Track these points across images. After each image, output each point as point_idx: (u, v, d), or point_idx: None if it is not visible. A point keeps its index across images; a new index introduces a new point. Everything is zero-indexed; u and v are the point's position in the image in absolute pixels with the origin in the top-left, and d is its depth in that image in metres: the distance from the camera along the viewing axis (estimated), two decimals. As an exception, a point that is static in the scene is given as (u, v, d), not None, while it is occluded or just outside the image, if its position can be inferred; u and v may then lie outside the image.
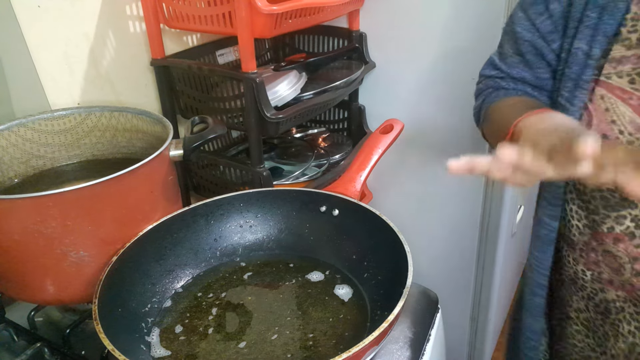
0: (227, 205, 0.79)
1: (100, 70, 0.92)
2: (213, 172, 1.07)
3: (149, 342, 0.64)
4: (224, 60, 1.14)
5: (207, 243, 0.78)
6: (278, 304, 0.70)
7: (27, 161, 0.79)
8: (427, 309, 0.74)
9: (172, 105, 1.03)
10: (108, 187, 0.63)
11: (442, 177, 1.23)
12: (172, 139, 0.73)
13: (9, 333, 0.71)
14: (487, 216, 1.21)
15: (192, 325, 0.67)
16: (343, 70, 1.11)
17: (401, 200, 1.32)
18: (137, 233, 0.69)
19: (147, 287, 0.69)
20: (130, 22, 0.96)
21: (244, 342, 0.64)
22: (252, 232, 0.80)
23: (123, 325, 0.62)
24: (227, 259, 0.79)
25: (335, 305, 0.69)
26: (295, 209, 0.80)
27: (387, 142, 0.83)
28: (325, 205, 0.79)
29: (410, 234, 0.67)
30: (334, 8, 0.99)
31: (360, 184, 0.80)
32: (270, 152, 1.23)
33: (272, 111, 0.90)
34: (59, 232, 0.61)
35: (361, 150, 0.84)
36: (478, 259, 1.27)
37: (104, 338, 0.53)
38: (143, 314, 0.67)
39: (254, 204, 0.80)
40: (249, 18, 0.82)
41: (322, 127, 1.32)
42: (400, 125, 0.84)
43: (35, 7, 0.80)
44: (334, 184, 0.82)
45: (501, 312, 1.55)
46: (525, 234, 1.72)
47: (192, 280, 0.75)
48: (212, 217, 0.78)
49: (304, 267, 0.76)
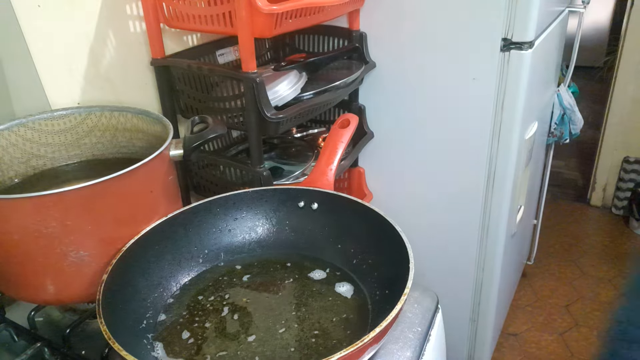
0: (203, 212, 0.78)
1: (100, 70, 0.92)
2: (213, 172, 1.07)
3: (153, 348, 0.64)
4: (224, 60, 1.14)
5: (189, 252, 0.76)
6: (277, 301, 0.70)
7: (27, 161, 0.79)
8: (427, 309, 0.74)
9: (172, 105, 1.03)
10: (108, 187, 0.63)
11: (442, 177, 1.23)
12: (172, 138, 0.73)
13: (9, 333, 0.71)
14: (487, 216, 1.21)
15: (197, 328, 0.66)
16: (343, 70, 1.11)
17: (401, 200, 1.32)
18: (137, 233, 0.69)
19: (140, 302, 0.68)
20: (130, 22, 0.96)
21: (253, 335, 0.64)
22: (232, 235, 0.80)
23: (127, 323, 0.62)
24: (210, 264, 0.78)
25: (336, 302, 0.69)
26: (273, 208, 0.81)
27: (348, 135, 0.87)
28: (304, 201, 0.79)
29: (410, 234, 0.67)
30: (334, 8, 0.99)
31: (332, 176, 0.83)
32: (270, 152, 1.23)
33: (272, 111, 0.90)
34: (59, 232, 0.61)
35: (326, 145, 0.87)
36: (478, 259, 1.27)
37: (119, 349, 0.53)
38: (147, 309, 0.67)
39: (231, 207, 0.80)
40: (249, 18, 0.82)
41: (322, 127, 1.32)
42: (355, 119, 0.89)
43: (35, 7, 0.80)
44: (306, 181, 0.84)
45: (501, 312, 1.55)
46: (525, 234, 1.72)
47: (186, 288, 0.74)
48: (190, 225, 0.77)
49: (298, 266, 0.76)
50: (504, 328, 1.74)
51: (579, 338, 1.69)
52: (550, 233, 2.23)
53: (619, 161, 2.27)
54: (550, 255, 2.10)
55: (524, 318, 1.79)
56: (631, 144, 2.23)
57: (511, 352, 1.65)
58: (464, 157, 1.18)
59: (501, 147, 1.13)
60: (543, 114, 1.46)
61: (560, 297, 1.88)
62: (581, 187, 2.57)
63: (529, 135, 1.22)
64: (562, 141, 1.64)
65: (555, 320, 1.77)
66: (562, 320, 1.77)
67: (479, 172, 1.17)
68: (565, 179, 2.67)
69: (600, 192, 2.39)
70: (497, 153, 1.14)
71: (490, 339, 1.41)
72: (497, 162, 1.15)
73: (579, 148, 2.89)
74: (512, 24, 1.02)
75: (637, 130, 2.20)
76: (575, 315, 1.79)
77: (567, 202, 2.48)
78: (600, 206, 2.42)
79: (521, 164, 1.21)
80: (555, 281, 1.96)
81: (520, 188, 1.28)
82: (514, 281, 1.79)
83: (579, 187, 2.58)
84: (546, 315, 1.80)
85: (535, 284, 1.95)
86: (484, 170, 1.17)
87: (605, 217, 2.35)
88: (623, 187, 2.27)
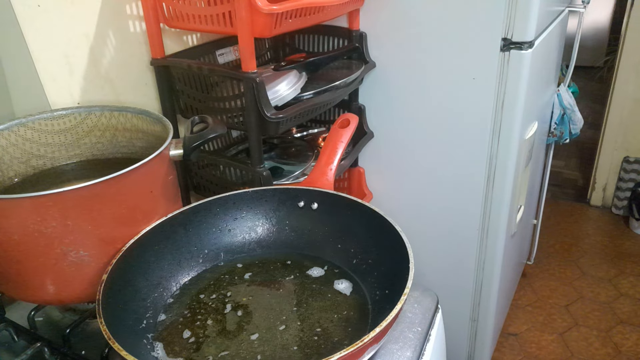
0: (203, 212, 0.78)
1: (100, 70, 0.92)
2: (213, 172, 1.07)
3: (154, 351, 0.64)
4: (224, 60, 1.14)
5: (189, 251, 0.77)
6: (277, 300, 0.70)
7: (27, 161, 0.79)
8: (427, 309, 0.74)
9: (172, 105, 1.03)
10: (108, 187, 0.63)
11: (442, 177, 1.23)
12: (172, 138, 0.73)
13: (9, 333, 0.71)
14: (487, 216, 1.21)
15: (197, 328, 0.66)
16: (343, 70, 1.11)
17: (401, 200, 1.32)
18: (137, 233, 0.68)
19: (140, 302, 0.68)
20: (130, 21, 0.96)
21: (255, 334, 0.64)
22: (232, 235, 0.80)
23: (127, 323, 0.62)
24: (210, 264, 0.78)
25: (336, 299, 0.69)
26: (273, 208, 0.81)
27: (348, 135, 0.87)
28: (303, 200, 0.79)
29: (410, 234, 0.67)
30: (334, 8, 0.99)
31: (332, 176, 0.83)
32: (270, 152, 1.23)
33: (272, 111, 0.90)
34: (59, 232, 0.61)
35: (326, 145, 0.87)
36: (478, 259, 1.27)
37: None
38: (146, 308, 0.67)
39: (231, 207, 0.80)
40: (249, 18, 0.82)
41: (322, 127, 1.32)
42: (355, 119, 0.89)
43: (35, 7, 0.80)
44: (306, 181, 0.84)
45: (501, 312, 1.55)
46: (525, 234, 1.72)
47: (186, 288, 0.74)
48: (190, 225, 0.77)
49: (298, 264, 0.76)
50: (504, 328, 1.74)
51: (579, 338, 1.69)
52: (550, 233, 2.23)
53: (619, 161, 2.27)
54: (550, 255, 2.10)
55: (524, 318, 1.79)
56: (631, 144, 2.23)
57: (511, 352, 1.65)
58: (464, 157, 1.18)
59: (501, 147, 1.13)
60: (543, 113, 1.46)
61: (560, 297, 1.88)
62: (581, 187, 2.57)
63: (529, 135, 1.22)
64: (562, 141, 1.64)
65: (555, 320, 1.78)
66: (562, 320, 1.77)
67: (479, 172, 1.17)
68: (565, 179, 2.67)
69: (600, 192, 2.39)
70: (497, 153, 1.14)
71: (490, 339, 1.41)
72: (497, 162, 1.15)
73: (579, 148, 2.89)
74: (512, 23, 1.02)
75: (637, 130, 2.20)
76: (575, 315, 1.79)
77: (567, 202, 2.48)
78: (600, 206, 2.42)
79: (521, 164, 1.21)
80: (555, 281, 1.96)
81: (520, 188, 1.28)
82: (514, 281, 1.79)
83: (579, 187, 2.58)
84: (546, 315, 1.80)
85: (535, 284, 1.95)
86: (484, 170, 1.17)
87: (605, 217, 2.35)
88: (623, 187, 2.27)
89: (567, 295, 1.89)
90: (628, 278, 1.95)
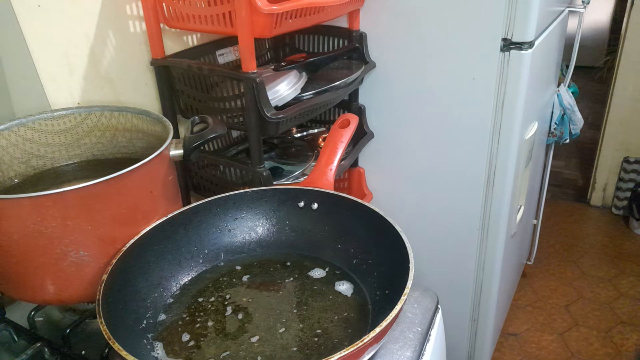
0: (203, 212, 0.78)
1: (100, 70, 0.92)
2: (213, 172, 1.07)
3: (154, 349, 0.64)
4: (224, 60, 1.14)
5: (189, 252, 0.77)
6: (277, 301, 0.70)
7: (27, 161, 0.79)
8: (427, 309, 0.74)
9: (172, 105, 1.03)
10: (108, 187, 0.63)
11: (442, 177, 1.23)
12: (172, 138, 0.73)
13: (9, 333, 0.71)
14: (487, 216, 1.21)
15: (197, 329, 0.66)
16: (343, 70, 1.11)
17: (401, 200, 1.32)
18: (137, 233, 0.69)
19: (140, 302, 0.68)
20: (130, 22, 0.96)
21: (256, 336, 0.64)
22: (232, 235, 0.80)
23: (127, 323, 0.62)
24: (210, 264, 0.78)
25: (336, 301, 0.69)
26: (273, 208, 0.81)
27: (348, 135, 0.87)
28: (303, 201, 0.79)
29: (410, 234, 0.67)
30: (334, 8, 0.99)
31: (332, 176, 0.83)
32: (270, 152, 1.23)
33: (272, 111, 0.90)
34: (59, 232, 0.61)
35: (326, 145, 0.87)
36: (478, 259, 1.27)
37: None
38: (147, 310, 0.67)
39: (231, 207, 0.80)
40: (249, 18, 0.82)
41: (322, 127, 1.32)
42: (355, 119, 0.89)
43: (35, 7, 0.80)
44: (306, 181, 0.84)
45: (501, 312, 1.55)
46: (525, 234, 1.72)
47: (186, 288, 0.74)
48: (190, 226, 0.77)
49: (298, 265, 0.76)
50: (504, 328, 1.74)
51: (579, 338, 1.69)
52: (550, 233, 2.24)
53: (619, 161, 2.27)
54: (550, 255, 2.10)
55: (524, 318, 1.79)
56: (631, 144, 2.23)
57: (511, 352, 1.65)
58: (464, 157, 1.18)
59: (501, 147, 1.13)
60: (543, 114, 1.46)
61: (560, 297, 1.88)
62: (581, 187, 2.57)
63: (529, 135, 1.22)
64: (562, 141, 1.64)
65: (555, 320, 1.78)
66: (562, 320, 1.77)
67: (479, 172, 1.18)
68: (565, 179, 2.67)
69: (600, 192, 2.39)
70: (497, 153, 1.14)
71: (490, 339, 1.41)
72: (497, 162, 1.15)
73: (579, 148, 2.89)
74: (512, 24, 1.02)
75: (637, 130, 2.20)
76: (575, 315, 1.79)
77: (567, 202, 2.48)
78: (600, 206, 2.42)
79: (521, 164, 1.21)
80: (555, 281, 1.96)
81: (520, 188, 1.28)
82: (514, 281, 1.79)
83: (579, 187, 2.58)
84: (546, 315, 1.80)
85: (535, 284, 1.95)
86: (484, 170, 1.17)
87: (605, 217, 2.35)
88: (623, 187, 2.27)
89: (567, 295, 1.89)
90: (628, 278, 1.95)
